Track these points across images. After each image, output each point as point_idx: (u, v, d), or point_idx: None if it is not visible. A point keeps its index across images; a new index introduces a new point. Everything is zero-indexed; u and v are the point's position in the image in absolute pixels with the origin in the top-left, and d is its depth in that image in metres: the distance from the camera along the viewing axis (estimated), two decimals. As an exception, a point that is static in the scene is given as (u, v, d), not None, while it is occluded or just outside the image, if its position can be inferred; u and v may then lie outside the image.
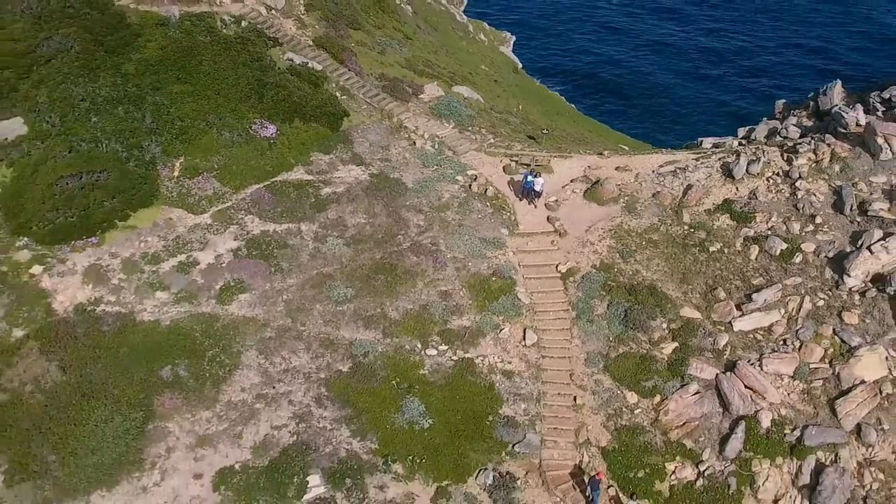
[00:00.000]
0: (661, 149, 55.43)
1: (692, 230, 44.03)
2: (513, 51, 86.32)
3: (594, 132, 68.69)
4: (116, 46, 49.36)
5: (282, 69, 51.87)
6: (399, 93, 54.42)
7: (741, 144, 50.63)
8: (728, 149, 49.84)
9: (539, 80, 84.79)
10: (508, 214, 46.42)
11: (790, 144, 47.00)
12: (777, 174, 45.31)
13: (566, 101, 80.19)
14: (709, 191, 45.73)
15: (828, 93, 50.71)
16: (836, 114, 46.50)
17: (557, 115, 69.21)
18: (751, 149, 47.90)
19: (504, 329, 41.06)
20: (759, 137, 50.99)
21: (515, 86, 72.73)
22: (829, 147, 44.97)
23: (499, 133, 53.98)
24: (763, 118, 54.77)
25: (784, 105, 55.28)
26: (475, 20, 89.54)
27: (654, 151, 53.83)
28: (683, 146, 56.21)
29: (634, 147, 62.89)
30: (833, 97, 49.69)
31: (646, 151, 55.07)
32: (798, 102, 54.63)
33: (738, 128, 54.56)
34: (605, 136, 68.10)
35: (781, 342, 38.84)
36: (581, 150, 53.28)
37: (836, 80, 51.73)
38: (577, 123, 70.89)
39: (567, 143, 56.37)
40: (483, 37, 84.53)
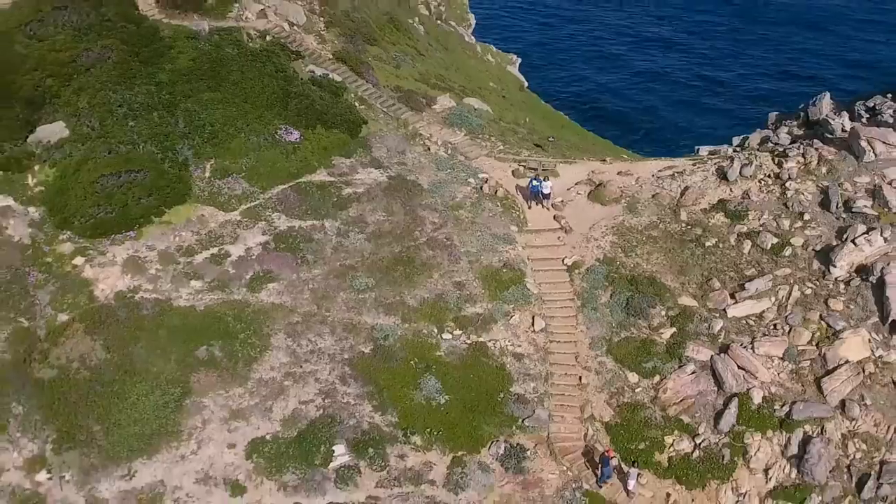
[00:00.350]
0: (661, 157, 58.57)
1: (689, 227, 47.18)
2: (519, 70, 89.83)
3: (597, 144, 72.11)
4: (151, 57, 52.75)
5: (304, 80, 55.25)
6: (413, 103, 57.86)
7: (735, 151, 53.87)
8: (723, 155, 53.14)
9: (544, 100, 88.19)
10: (517, 213, 49.62)
11: (781, 149, 50.25)
12: (768, 176, 48.54)
13: (570, 119, 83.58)
14: (704, 192, 48.93)
15: (817, 104, 53.94)
16: (824, 121, 49.89)
17: (562, 129, 72.72)
18: (744, 154, 51.19)
19: (514, 316, 44.11)
20: (752, 144, 54.26)
21: (522, 102, 76.30)
22: (817, 151, 48.23)
23: (507, 141, 57.33)
24: (756, 128, 58.02)
25: (776, 116, 58.56)
26: (482, 43, 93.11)
27: (654, 159, 57.01)
28: (682, 155, 59.37)
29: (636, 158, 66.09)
30: (822, 108, 52.93)
31: (646, 159, 58.30)
32: (789, 114, 57.87)
33: (733, 137, 57.74)
34: (608, 148, 71.45)
35: (772, 327, 41.88)
36: (585, 157, 56.59)
37: (826, 92, 55.01)
38: (581, 136, 74.37)
39: (572, 151, 59.71)
40: (490, 58, 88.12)
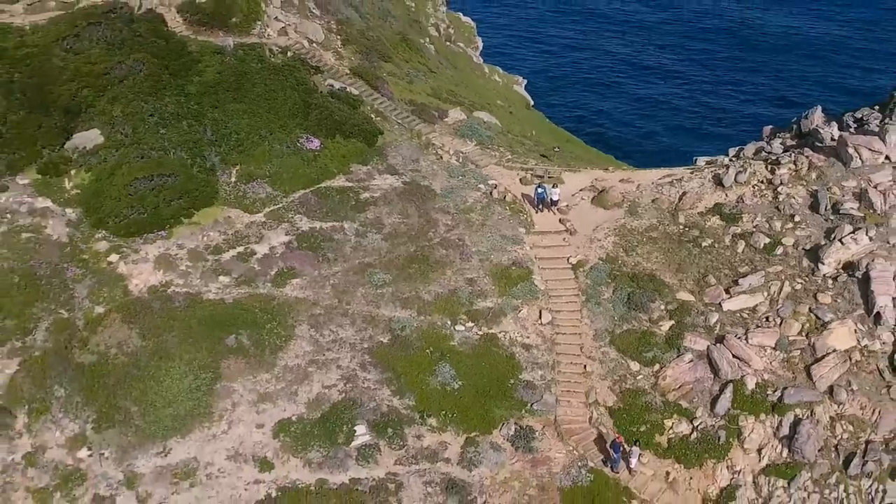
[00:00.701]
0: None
1: (687, 229, 50.10)
2: (524, 90, 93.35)
3: (600, 158, 75.29)
4: (179, 70, 56.03)
5: (323, 93, 58.49)
6: (426, 116, 61.09)
7: (731, 160, 56.85)
8: (719, 164, 56.16)
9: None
10: (525, 217, 52.61)
11: (774, 158, 53.27)
12: (762, 182, 51.53)
13: (573, 136, 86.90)
14: (701, 197, 51.89)
15: (809, 116, 56.92)
16: (814, 131, 52.96)
17: (567, 143, 75.97)
18: (739, 162, 54.23)
19: (523, 310, 46.96)
20: (747, 154, 57.23)
21: (528, 118, 79.61)
22: (808, 158, 51.25)
23: (515, 151, 60.53)
24: (751, 141, 61.02)
25: (771, 130, 61.51)
26: (489, 65, 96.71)
27: (654, 169, 60.00)
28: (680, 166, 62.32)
29: (637, 171, 69.11)
30: (813, 119, 55.92)
31: (646, 169, 61.33)
32: (783, 127, 60.90)
33: (729, 148, 60.74)
34: (610, 162, 74.56)
35: (764, 319, 44.69)
36: (588, 167, 59.68)
37: (818, 106, 58.04)
38: (585, 150, 77.59)
39: (576, 162, 62.83)
40: (497, 78, 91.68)
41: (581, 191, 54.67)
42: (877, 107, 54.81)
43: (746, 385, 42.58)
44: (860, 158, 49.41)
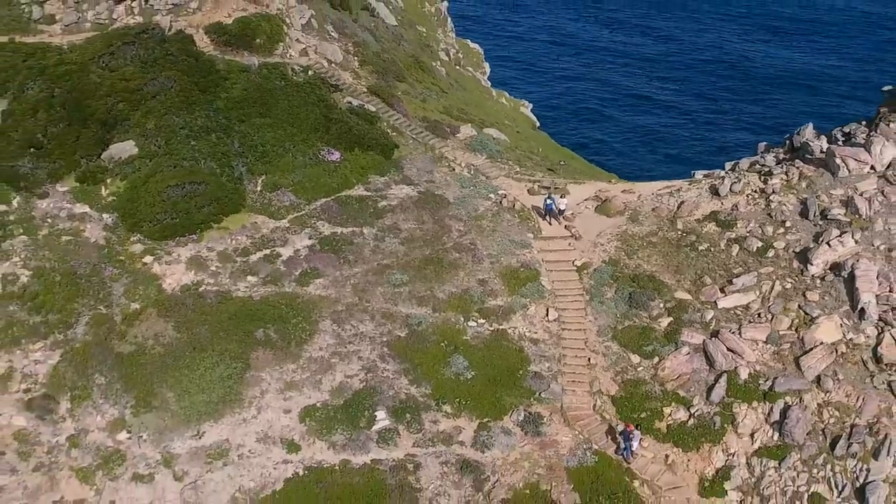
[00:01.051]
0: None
1: (684, 234, 53.40)
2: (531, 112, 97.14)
3: (602, 174, 78.77)
4: (208, 87, 59.70)
5: (343, 109, 62.12)
6: (439, 131, 64.67)
7: (727, 173, 60.17)
8: (716, 176, 59.53)
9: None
10: (533, 223, 55.97)
11: (767, 169, 56.66)
12: (755, 191, 54.87)
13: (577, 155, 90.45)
14: (698, 205, 55.21)
15: (801, 132, 60.30)
16: (805, 144, 56.37)
17: (572, 160, 79.55)
18: (734, 174, 57.63)
19: (531, 308, 50.21)
20: (742, 168, 60.57)
21: (534, 137, 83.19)
22: (798, 169, 54.63)
23: (523, 165, 64.06)
24: (746, 156, 64.40)
25: (765, 146, 64.93)
26: (497, 89, 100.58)
27: (655, 181, 63.44)
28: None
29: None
30: (805, 134, 59.26)
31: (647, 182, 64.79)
32: (776, 144, 64.30)
33: (725, 162, 64.09)
34: (612, 178, 78.01)
35: (756, 315, 47.84)
36: (592, 179, 63.12)
37: (809, 122, 61.48)
38: (588, 167, 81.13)
39: (580, 176, 66.27)
40: (504, 101, 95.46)
41: (585, 200, 58.07)
42: (864, 122, 58.22)
43: (740, 375, 45.63)
44: (847, 168, 52.74)
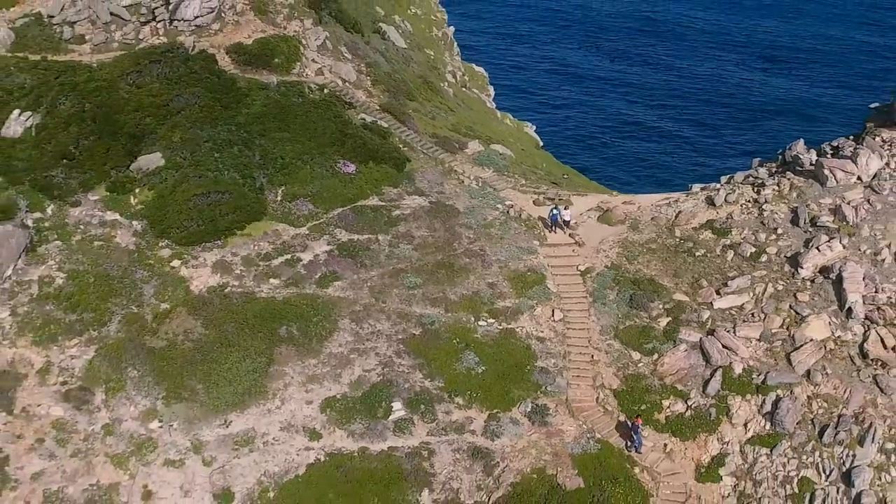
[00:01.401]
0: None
1: (682, 241, 56.53)
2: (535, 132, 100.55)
3: (604, 189, 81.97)
4: (230, 103, 63.01)
5: (357, 125, 65.38)
6: (448, 147, 67.93)
7: (722, 185, 63.36)
8: (712, 188, 62.69)
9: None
10: (539, 232, 59.10)
11: (760, 181, 59.86)
12: (749, 201, 58.04)
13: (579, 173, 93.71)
14: (695, 214, 58.37)
15: (792, 147, 63.47)
16: (796, 157, 59.57)
17: (575, 176, 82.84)
18: (729, 186, 60.84)
19: (537, 309, 53.23)
20: (737, 180, 63.73)
21: (538, 154, 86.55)
22: (789, 180, 57.84)
23: (528, 178, 67.28)
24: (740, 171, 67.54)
25: (758, 161, 68.06)
26: (501, 111, 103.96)
27: (654, 194, 66.68)
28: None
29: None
30: (795, 148, 62.41)
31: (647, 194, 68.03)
32: (769, 160, 67.48)
33: (721, 176, 67.21)
34: (614, 193, 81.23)
35: (750, 315, 50.87)
36: (594, 192, 66.33)
37: (800, 139, 64.69)
38: (589, 183, 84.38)
39: (583, 189, 69.48)
40: (509, 122, 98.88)
41: (588, 210, 61.23)
42: (851, 137, 61.46)
43: (734, 370, 48.59)
44: (835, 179, 55.96)
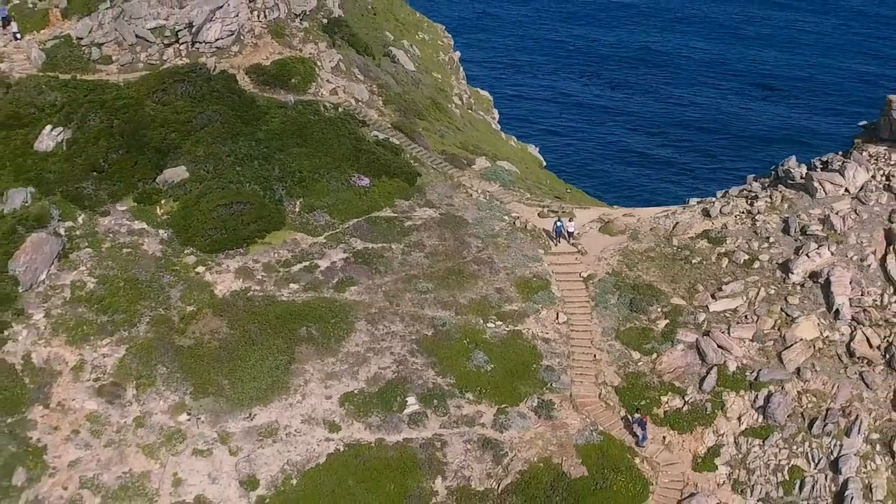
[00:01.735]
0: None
1: (679, 249, 59.65)
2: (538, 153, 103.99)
3: (605, 205, 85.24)
4: (250, 120, 66.39)
5: (370, 141, 68.73)
6: (457, 163, 71.25)
7: (718, 199, 66.57)
8: (708, 202, 65.91)
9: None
10: (543, 241, 62.26)
11: (753, 194, 63.10)
12: (742, 213, 61.22)
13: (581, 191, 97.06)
14: (692, 225, 61.54)
15: (784, 163, 66.77)
16: (787, 171, 62.84)
17: (577, 192, 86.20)
18: (724, 199, 64.05)
19: (542, 312, 56.28)
20: (732, 194, 66.96)
21: (542, 174, 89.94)
22: (781, 193, 61.08)
23: (533, 192, 70.50)
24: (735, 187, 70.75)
25: (753, 177, 71.24)
26: (505, 133, 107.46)
27: (653, 207, 69.90)
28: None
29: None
30: (787, 164, 65.69)
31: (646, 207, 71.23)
32: (763, 175, 70.73)
33: (717, 191, 70.41)
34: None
35: (743, 317, 53.92)
36: (596, 206, 69.56)
37: (792, 155, 67.96)
38: (591, 200, 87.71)
39: (585, 202, 72.74)
40: (513, 143, 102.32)
41: (590, 222, 64.43)
42: (840, 153, 64.71)
43: (728, 368, 51.60)
44: (824, 191, 59.19)
